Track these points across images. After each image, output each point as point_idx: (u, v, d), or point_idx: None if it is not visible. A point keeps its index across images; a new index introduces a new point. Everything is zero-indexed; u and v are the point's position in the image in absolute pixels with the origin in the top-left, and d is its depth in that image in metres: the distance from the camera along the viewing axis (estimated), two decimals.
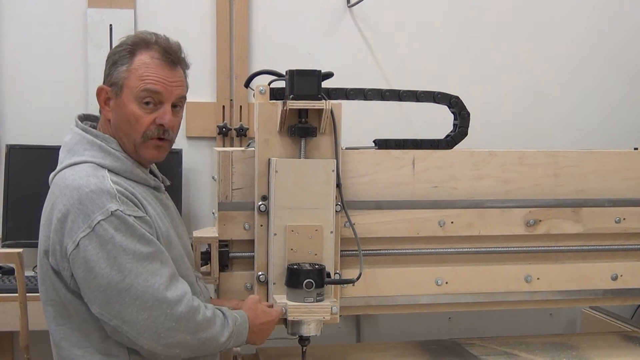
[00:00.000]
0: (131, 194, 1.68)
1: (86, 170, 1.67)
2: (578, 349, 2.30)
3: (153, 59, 1.74)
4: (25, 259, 2.23)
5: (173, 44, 1.79)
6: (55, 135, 2.85)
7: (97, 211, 1.60)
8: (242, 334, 1.80)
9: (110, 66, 1.76)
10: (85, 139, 1.74)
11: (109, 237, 1.60)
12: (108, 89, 1.76)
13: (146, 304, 1.61)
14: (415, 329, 2.95)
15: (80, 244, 1.59)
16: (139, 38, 1.77)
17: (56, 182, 1.71)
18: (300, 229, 1.98)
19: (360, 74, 3.03)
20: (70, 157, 1.72)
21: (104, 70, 1.79)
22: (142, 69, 1.73)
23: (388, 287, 2.17)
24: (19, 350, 2.61)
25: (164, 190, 1.88)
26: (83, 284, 1.62)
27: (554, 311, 3.23)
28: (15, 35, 2.89)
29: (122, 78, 1.73)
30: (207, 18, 2.99)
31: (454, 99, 2.22)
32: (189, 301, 1.67)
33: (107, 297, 1.60)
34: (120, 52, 1.75)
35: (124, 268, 1.60)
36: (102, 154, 1.72)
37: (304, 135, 2.01)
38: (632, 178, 2.29)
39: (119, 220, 1.61)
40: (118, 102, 1.75)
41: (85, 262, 1.59)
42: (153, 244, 1.66)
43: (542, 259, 2.27)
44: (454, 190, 2.19)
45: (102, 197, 1.62)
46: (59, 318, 1.70)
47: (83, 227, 1.60)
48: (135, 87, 1.73)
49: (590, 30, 3.28)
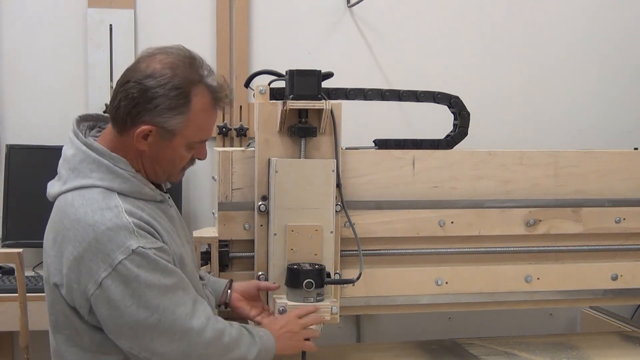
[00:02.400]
0: (146, 223, 1.62)
1: (97, 200, 1.59)
2: (578, 349, 2.30)
3: (208, 108, 1.67)
4: (25, 259, 2.23)
5: (224, 83, 1.71)
6: (55, 135, 2.86)
7: (117, 250, 1.55)
8: (270, 351, 1.77)
9: (161, 108, 1.60)
10: (91, 158, 1.63)
11: (133, 275, 1.55)
12: (155, 130, 1.62)
13: (175, 336, 1.59)
14: (415, 329, 2.95)
15: (103, 284, 1.55)
16: (188, 80, 1.62)
17: (63, 208, 1.62)
18: (300, 229, 1.98)
19: (360, 74, 3.03)
20: (74, 179, 1.63)
21: (130, 99, 1.60)
22: (199, 119, 1.65)
23: (388, 287, 2.17)
24: (19, 350, 2.61)
25: (168, 200, 1.81)
26: (108, 322, 1.58)
27: (554, 311, 3.23)
28: (15, 35, 2.89)
29: (179, 128, 1.63)
30: (207, 18, 3.00)
31: (454, 99, 2.22)
32: (213, 324, 1.65)
33: (135, 333, 1.58)
34: (173, 97, 1.60)
35: (150, 304, 1.57)
36: (110, 175, 1.63)
37: (304, 135, 2.01)
38: (632, 178, 2.29)
39: (141, 257, 1.56)
40: (164, 145, 1.65)
41: (110, 301, 1.56)
42: (175, 274, 1.63)
43: (542, 259, 2.27)
44: (454, 190, 2.19)
45: (120, 234, 1.55)
46: (70, 342, 1.67)
47: (103, 266, 1.55)
48: (192, 137, 1.66)
49: (590, 31, 3.28)
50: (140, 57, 1.67)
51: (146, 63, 1.63)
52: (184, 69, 1.63)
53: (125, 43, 2.92)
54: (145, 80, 1.60)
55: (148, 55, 1.65)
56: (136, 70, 1.63)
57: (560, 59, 3.26)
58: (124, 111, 1.62)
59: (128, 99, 1.61)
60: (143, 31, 2.95)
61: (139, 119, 1.61)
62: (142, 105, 1.60)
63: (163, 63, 1.62)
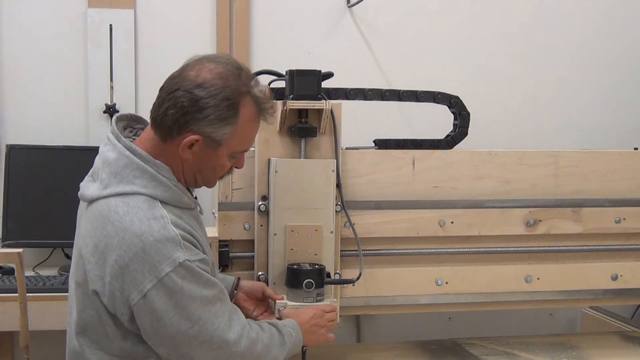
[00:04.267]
0: (189, 234, 1.63)
1: (142, 209, 1.58)
2: (578, 349, 2.30)
3: (254, 118, 1.67)
4: (25, 259, 2.23)
5: (269, 94, 1.72)
6: (55, 135, 2.86)
7: (164, 262, 1.55)
8: (297, 346, 1.82)
9: (211, 119, 1.60)
10: (135, 164, 1.62)
11: (178, 288, 1.56)
12: (202, 140, 1.62)
13: (213, 346, 1.61)
14: (415, 329, 2.95)
15: (148, 295, 1.55)
16: (237, 91, 1.62)
17: (106, 215, 1.59)
18: (300, 229, 1.99)
19: (360, 74, 3.02)
20: (117, 184, 1.61)
21: (179, 107, 1.59)
22: (245, 130, 1.66)
23: (388, 287, 2.17)
24: (19, 350, 2.61)
25: (199, 207, 1.82)
26: (149, 331, 1.59)
27: (554, 311, 3.23)
28: (15, 36, 2.89)
29: (225, 139, 1.63)
30: (207, 18, 2.99)
31: (454, 99, 2.22)
32: (248, 334, 1.68)
33: (175, 343, 1.59)
34: (224, 108, 1.60)
35: (192, 316, 1.58)
36: (154, 183, 1.62)
37: (304, 135, 2.01)
38: (632, 178, 2.29)
39: (186, 270, 1.57)
40: (209, 154, 1.65)
41: (153, 311, 1.57)
42: (215, 286, 1.65)
43: (542, 259, 2.27)
44: (454, 190, 2.19)
45: (167, 246, 1.55)
46: (96, 345, 1.67)
47: (149, 277, 1.55)
48: (236, 147, 1.68)
49: (591, 31, 3.27)
50: (187, 65, 1.65)
51: (195, 72, 1.61)
52: (233, 80, 1.62)
53: (125, 43, 2.92)
54: (196, 90, 1.59)
55: (197, 63, 1.64)
56: (185, 79, 1.61)
57: (560, 59, 3.26)
58: (172, 119, 1.60)
59: (177, 107, 1.59)
60: (143, 31, 2.94)
61: (186, 128, 1.60)
62: (191, 115, 1.59)
63: (213, 73, 1.61)
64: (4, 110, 2.90)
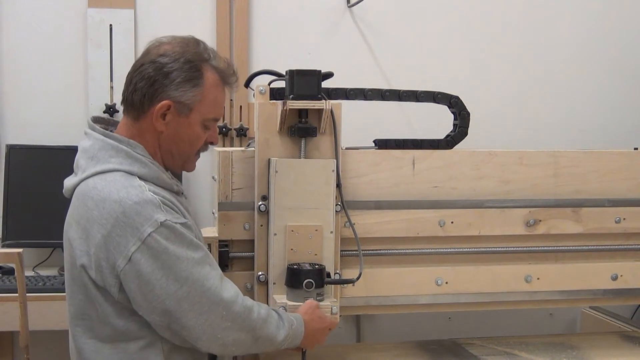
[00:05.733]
0: (169, 201, 1.65)
1: (119, 180, 1.62)
2: (578, 349, 2.30)
3: (219, 84, 1.73)
4: (25, 259, 2.23)
5: (230, 63, 1.78)
6: (55, 135, 2.86)
7: (146, 223, 1.57)
8: (297, 338, 1.80)
9: (177, 82, 1.66)
10: (109, 145, 1.67)
11: (162, 248, 1.58)
12: (173, 106, 1.68)
13: (203, 308, 1.61)
14: (415, 329, 2.95)
15: (133, 258, 1.56)
16: (198, 55, 1.70)
17: (85, 192, 1.64)
18: (300, 229, 1.98)
19: (360, 74, 3.03)
20: (94, 165, 1.66)
21: (147, 78, 1.66)
22: (212, 94, 1.71)
23: (388, 287, 2.17)
24: (19, 350, 2.61)
25: (183, 194, 1.84)
26: (139, 297, 1.59)
27: (554, 311, 3.23)
28: (15, 35, 2.89)
29: (194, 101, 1.69)
30: (207, 18, 3.00)
31: (454, 99, 2.22)
32: (242, 301, 1.68)
33: (165, 307, 1.59)
34: (187, 69, 1.67)
35: (179, 277, 1.59)
36: (129, 160, 1.66)
37: (304, 135, 2.01)
38: (632, 178, 2.29)
39: (169, 230, 1.59)
40: (181, 121, 1.70)
41: (140, 275, 1.57)
42: (201, 248, 1.67)
43: (542, 259, 2.27)
44: (454, 190, 2.19)
45: (147, 208, 1.58)
46: (89, 333, 1.67)
47: (132, 240, 1.57)
48: (207, 113, 1.71)
49: (591, 31, 3.28)
50: (149, 46, 1.73)
51: (156, 48, 1.71)
52: (193, 46, 1.71)
53: (125, 43, 2.92)
54: (159, 59, 1.67)
55: (156, 42, 1.73)
56: (148, 54, 1.70)
57: (560, 59, 3.26)
58: (141, 92, 1.67)
59: (145, 79, 1.67)
60: (143, 31, 2.95)
61: (156, 97, 1.67)
62: (159, 82, 1.66)
63: (173, 44, 1.70)
64: (4, 110, 2.91)
